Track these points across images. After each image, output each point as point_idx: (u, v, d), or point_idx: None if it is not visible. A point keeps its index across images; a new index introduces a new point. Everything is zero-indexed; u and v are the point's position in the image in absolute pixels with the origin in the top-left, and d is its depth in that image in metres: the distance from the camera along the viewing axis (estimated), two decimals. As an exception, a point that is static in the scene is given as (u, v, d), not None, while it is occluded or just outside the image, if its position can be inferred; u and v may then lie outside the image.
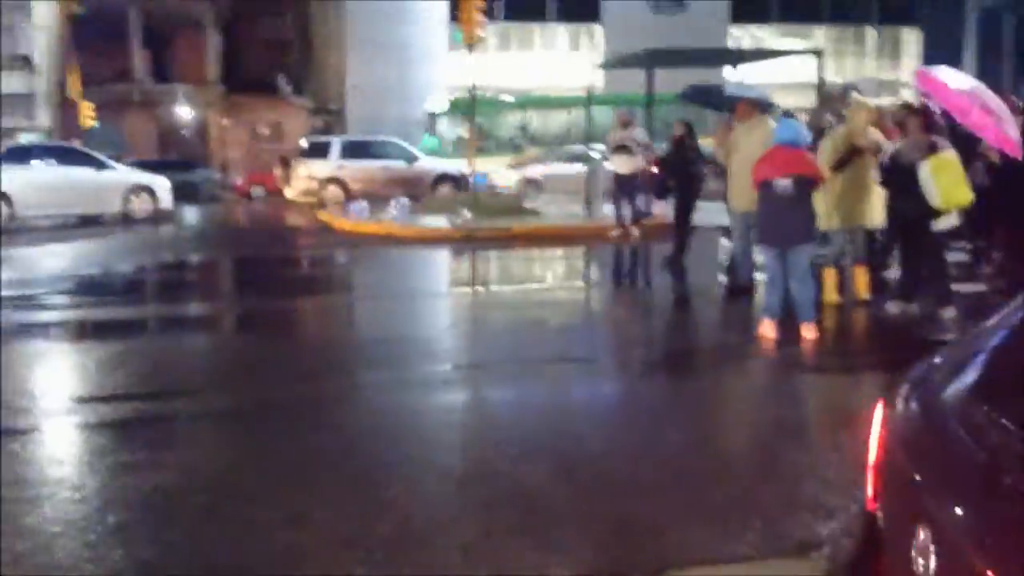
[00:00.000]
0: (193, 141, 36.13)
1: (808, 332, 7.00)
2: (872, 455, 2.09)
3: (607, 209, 15.18)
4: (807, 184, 6.81)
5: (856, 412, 5.08)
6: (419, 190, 20.46)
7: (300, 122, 35.42)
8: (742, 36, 34.93)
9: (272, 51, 37.84)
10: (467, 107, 17.59)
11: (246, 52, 37.71)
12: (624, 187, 14.06)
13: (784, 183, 6.68)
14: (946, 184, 7.12)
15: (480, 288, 11.17)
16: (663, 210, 14.68)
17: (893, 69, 36.51)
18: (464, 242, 14.25)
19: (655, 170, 13.05)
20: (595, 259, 13.22)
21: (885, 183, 7.62)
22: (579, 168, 19.88)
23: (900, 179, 7.37)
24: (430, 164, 22.19)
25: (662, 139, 16.57)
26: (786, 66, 21.89)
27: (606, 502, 3.95)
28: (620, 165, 13.91)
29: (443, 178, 21.42)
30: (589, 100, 17.55)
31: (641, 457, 4.57)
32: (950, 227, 7.48)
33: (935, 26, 34.76)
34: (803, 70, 25.73)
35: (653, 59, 15.66)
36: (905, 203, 7.34)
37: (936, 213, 7.28)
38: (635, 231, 13.99)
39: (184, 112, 36.28)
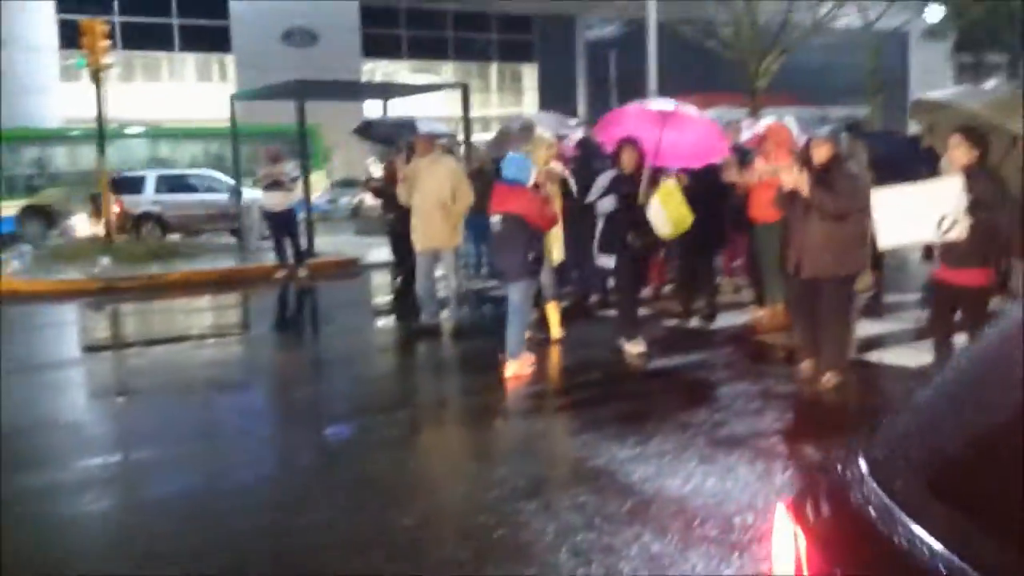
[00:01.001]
0: None
1: (509, 368, 7.04)
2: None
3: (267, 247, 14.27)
4: (519, 221, 6.71)
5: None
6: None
7: None
8: (374, 70, 35.26)
9: None
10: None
11: None
12: (280, 225, 13.28)
13: (496, 219, 6.52)
14: (674, 212, 7.37)
15: (126, 350, 9.62)
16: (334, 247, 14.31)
17: (515, 104, 38.75)
18: (103, 294, 12.50)
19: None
20: (262, 305, 12.28)
21: (611, 217, 7.47)
22: (204, 198, 18.96)
23: (630, 213, 7.38)
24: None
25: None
26: (422, 100, 22.26)
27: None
28: (272, 202, 13.13)
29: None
30: (234, 131, 16.47)
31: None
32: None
33: (549, 62, 37.46)
34: (433, 104, 26.55)
35: (302, 90, 15.03)
36: (635, 237, 7.44)
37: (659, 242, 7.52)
38: (302, 271, 13.26)
39: None
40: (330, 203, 24.62)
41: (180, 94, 31.44)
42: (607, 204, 7.40)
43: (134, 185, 19.23)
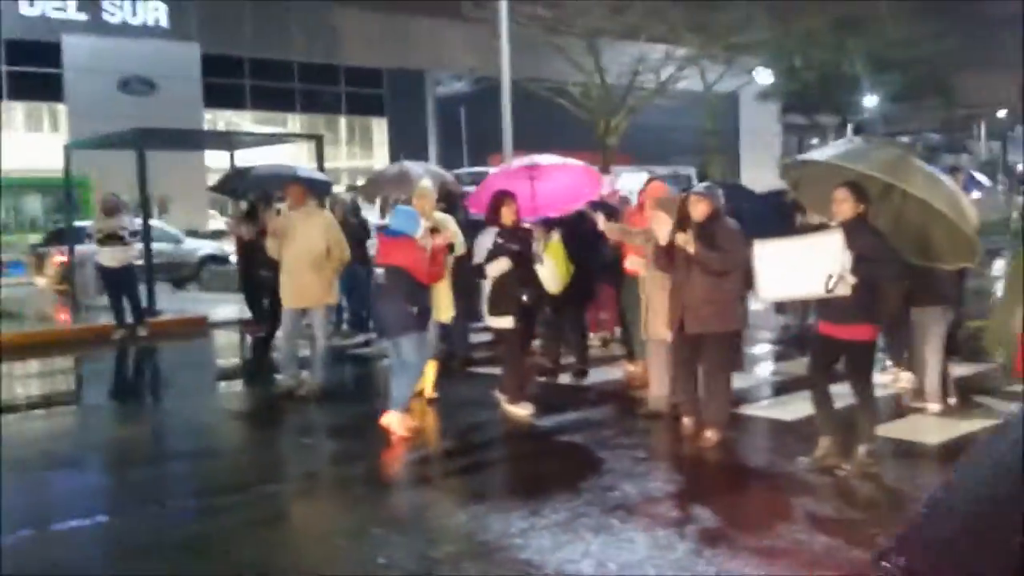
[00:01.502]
0: None
1: (386, 419, 6.74)
2: None
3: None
4: (402, 274, 6.38)
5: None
6: (185, 271, 19.55)
7: None
8: (216, 120, 34.16)
9: None
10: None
11: None
12: (117, 282, 12.31)
13: (379, 272, 6.20)
14: (561, 268, 7.25)
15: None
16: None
17: (364, 157, 38.37)
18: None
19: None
20: (99, 369, 11.31)
21: (502, 276, 7.22)
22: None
23: (522, 271, 7.19)
24: (196, 244, 21.07)
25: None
26: (268, 153, 21.62)
27: None
28: (108, 258, 12.18)
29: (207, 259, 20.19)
30: (68, 182, 15.39)
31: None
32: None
33: (400, 116, 37.33)
34: (282, 157, 25.77)
35: (142, 139, 14.19)
36: (528, 295, 7.19)
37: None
38: (142, 330, 12.34)
39: None
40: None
41: (7, 144, 29.44)
42: (501, 265, 7.19)
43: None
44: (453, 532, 4.99)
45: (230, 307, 13.59)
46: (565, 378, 8.80)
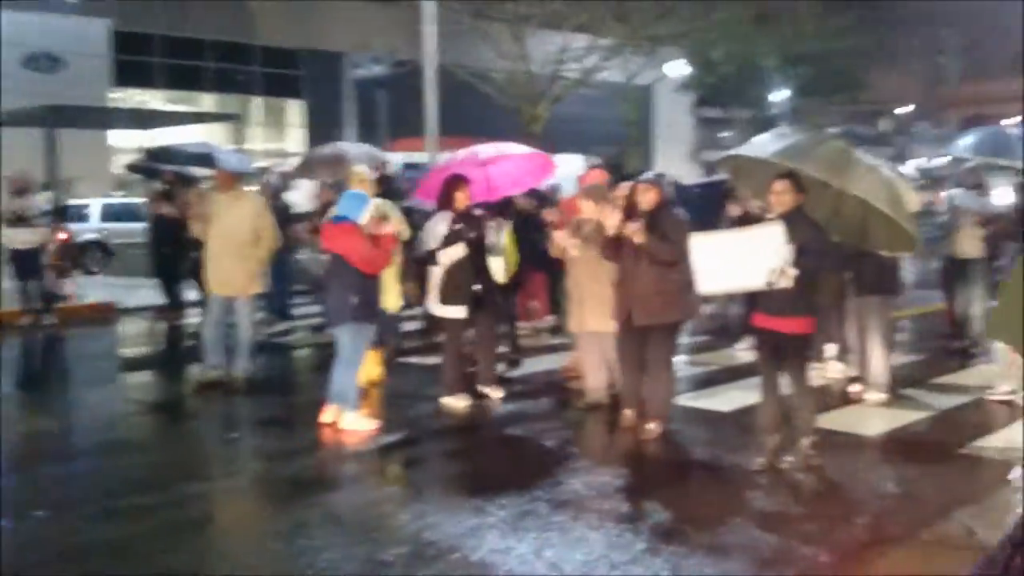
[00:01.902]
0: None
1: (327, 415, 6.54)
2: None
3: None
4: (344, 262, 6.12)
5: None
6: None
7: None
8: (125, 99, 32.85)
9: None
10: None
11: None
12: (24, 265, 11.68)
13: (324, 259, 5.95)
14: (511, 257, 7.17)
15: None
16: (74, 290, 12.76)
17: (279, 139, 37.47)
18: None
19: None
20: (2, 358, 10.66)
21: (455, 265, 7.03)
22: None
23: (477, 260, 7.02)
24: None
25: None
26: (177, 132, 20.87)
27: None
28: (16, 240, 11.54)
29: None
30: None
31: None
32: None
33: (317, 98, 36.50)
34: (194, 138, 24.94)
35: (52, 116, 13.47)
36: (482, 285, 7.00)
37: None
38: (51, 317, 11.73)
39: None
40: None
41: None
42: (457, 252, 6.99)
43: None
44: (400, 532, 4.76)
45: (143, 292, 13.02)
46: (498, 367, 8.63)
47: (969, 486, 5.38)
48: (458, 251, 6.98)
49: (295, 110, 37.69)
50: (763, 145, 5.82)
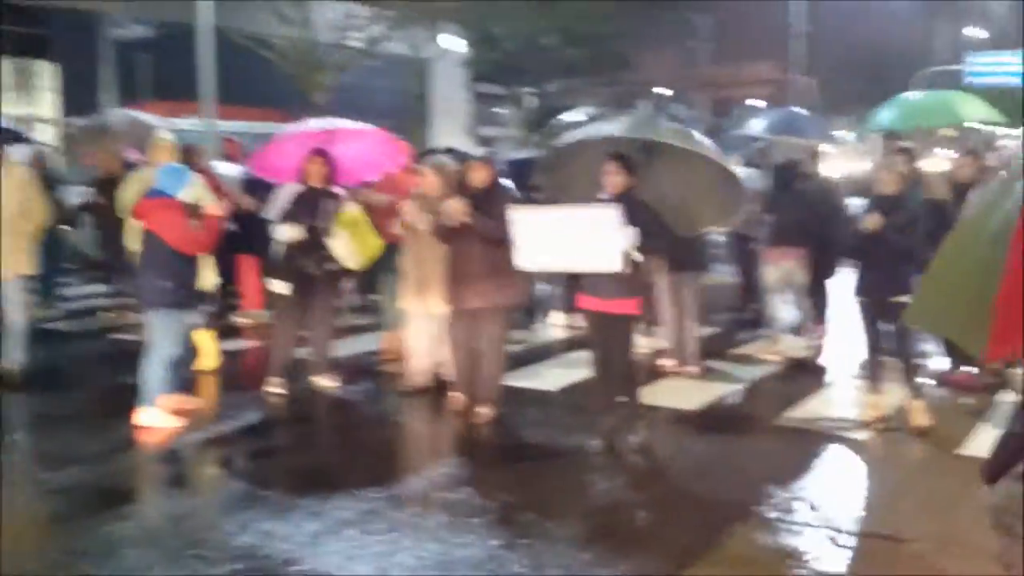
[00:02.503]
0: None
1: (141, 416, 5.88)
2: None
3: None
4: (158, 241, 5.48)
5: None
6: None
7: None
8: None
9: None
10: None
11: None
12: None
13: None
14: (362, 243, 6.61)
15: None
16: None
17: (28, 104, 34.13)
18: None
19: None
20: None
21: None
22: None
23: (311, 239, 6.49)
24: None
25: None
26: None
27: None
28: None
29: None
30: None
31: None
32: None
33: (71, 61, 33.49)
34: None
35: None
36: (314, 265, 6.40)
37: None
38: None
39: None
40: None
41: None
42: (292, 233, 6.50)
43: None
44: (230, 546, 4.26)
45: None
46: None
47: (792, 458, 5.55)
48: (293, 232, 6.52)
49: (46, 72, 34.39)
50: (596, 128, 5.70)
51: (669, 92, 57.32)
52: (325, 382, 6.93)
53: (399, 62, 29.91)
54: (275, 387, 6.72)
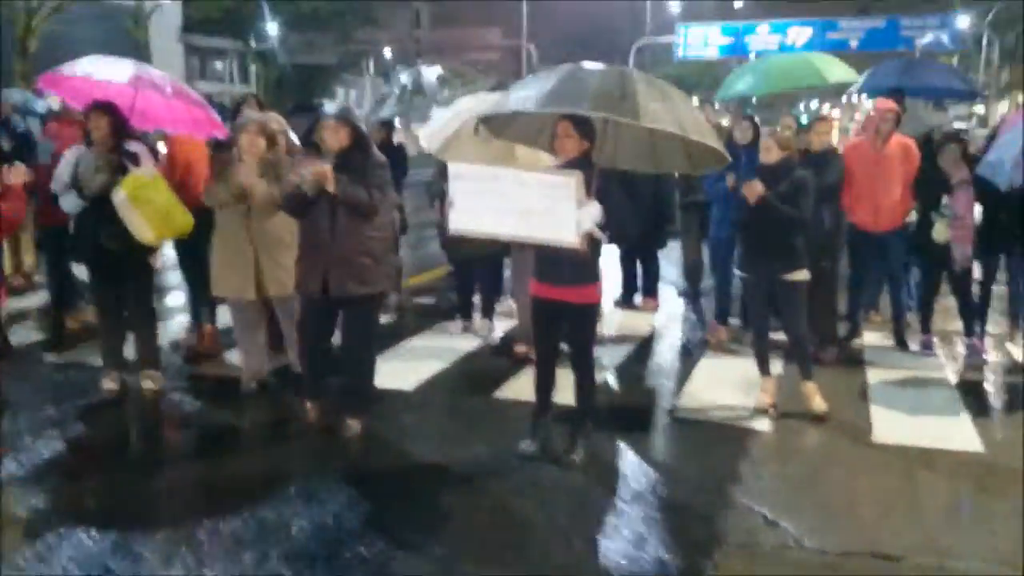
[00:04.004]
0: None
1: None
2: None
3: None
4: None
5: None
6: None
7: None
8: None
9: None
10: None
11: None
12: None
13: None
14: (153, 213, 5.21)
15: None
16: None
17: None
18: None
19: None
20: None
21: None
22: None
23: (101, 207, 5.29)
24: None
25: None
26: None
27: None
28: None
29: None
30: None
31: None
32: None
33: None
34: None
35: None
36: (107, 238, 5.29)
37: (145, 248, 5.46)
38: None
39: None
40: None
41: None
42: (72, 202, 5.31)
43: None
44: None
45: None
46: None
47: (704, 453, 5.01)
48: (73, 201, 5.35)
49: None
50: (524, 96, 4.62)
51: (388, 55, 56.28)
52: (148, 382, 5.77)
53: (118, 11, 27.00)
54: (106, 382, 5.72)
